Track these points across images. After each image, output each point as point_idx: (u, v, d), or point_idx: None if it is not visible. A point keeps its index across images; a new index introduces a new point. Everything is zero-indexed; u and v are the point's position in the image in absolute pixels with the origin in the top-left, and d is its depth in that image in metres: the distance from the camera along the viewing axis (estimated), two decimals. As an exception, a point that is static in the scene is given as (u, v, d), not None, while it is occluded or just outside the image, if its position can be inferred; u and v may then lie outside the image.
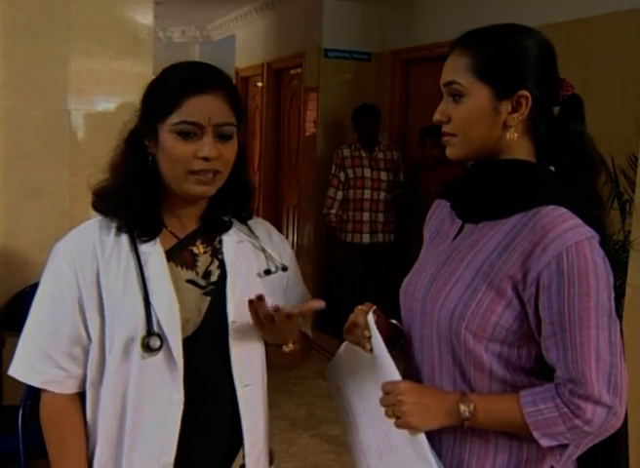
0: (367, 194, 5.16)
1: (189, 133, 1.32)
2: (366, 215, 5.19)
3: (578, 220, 1.19)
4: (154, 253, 1.39)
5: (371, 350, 1.33)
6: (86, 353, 1.39)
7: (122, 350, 1.34)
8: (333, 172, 5.19)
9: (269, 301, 1.41)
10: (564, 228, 1.18)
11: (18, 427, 2.34)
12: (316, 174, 5.71)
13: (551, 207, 1.21)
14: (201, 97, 1.33)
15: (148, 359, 1.34)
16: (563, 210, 1.20)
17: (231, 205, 1.47)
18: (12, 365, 1.41)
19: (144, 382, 1.35)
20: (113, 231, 1.39)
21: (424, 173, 4.93)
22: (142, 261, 1.37)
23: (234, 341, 1.40)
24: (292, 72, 6.46)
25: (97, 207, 1.43)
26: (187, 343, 1.36)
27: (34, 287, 1.44)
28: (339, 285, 5.37)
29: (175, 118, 1.32)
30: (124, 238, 1.39)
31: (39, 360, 1.38)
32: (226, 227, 1.47)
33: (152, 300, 1.35)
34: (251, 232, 1.51)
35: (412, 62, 5.50)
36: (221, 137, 1.35)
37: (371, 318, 1.33)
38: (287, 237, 6.57)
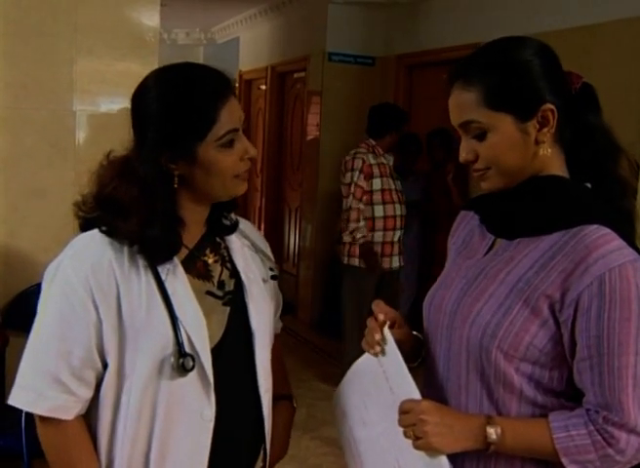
0: (398, 209, 4.31)
1: (233, 139, 1.29)
2: (397, 234, 4.33)
3: (621, 242, 1.15)
4: (172, 266, 1.31)
5: (378, 354, 1.28)
6: (97, 377, 1.29)
7: (149, 372, 1.26)
8: (355, 180, 4.22)
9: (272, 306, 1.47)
10: (608, 249, 1.14)
11: (21, 425, 2.35)
12: (318, 177, 5.73)
13: (595, 226, 1.17)
14: (229, 101, 1.30)
15: (178, 379, 1.27)
16: (607, 230, 1.16)
17: (224, 203, 1.42)
18: (12, 392, 1.29)
19: (175, 402, 1.28)
20: (127, 244, 1.28)
21: (431, 174, 4.97)
22: (162, 277, 1.29)
23: (259, 349, 1.40)
24: (295, 76, 6.47)
25: (92, 226, 1.32)
26: (212, 356, 1.31)
27: (37, 286, 1.35)
28: (343, 312, 4.49)
29: (217, 131, 1.27)
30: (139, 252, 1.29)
31: (48, 385, 1.26)
32: (232, 229, 1.44)
33: (180, 317, 1.28)
34: (244, 235, 1.48)
35: (416, 67, 5.51)
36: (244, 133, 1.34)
37: (387, 331, 1.28)
38: (289, 240, 6.59)
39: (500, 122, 1.21)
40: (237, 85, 7.76)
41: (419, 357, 1.38)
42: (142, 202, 1.27)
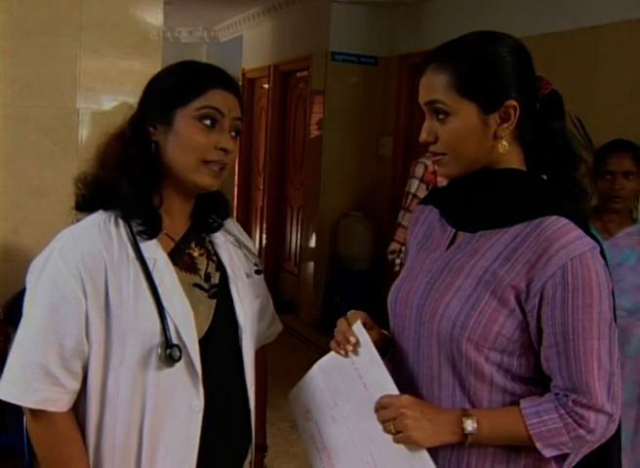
0: None
1: (214, 119, 1.32)
2: None
3: (580, 231, 1.20)
4: (159, 258, 1.33)
5: (347, 353, 1.30)
6: (84, 368, 1.29)
7: (137, 362, 1.27)
8: (413, 190, 3.39)
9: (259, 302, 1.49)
10: (568, 239, 1.19)
11: (22, 423, 2.35)
12: (321, 176, 5.73)
13: (554, 217, 1.21)
14: (223, 91, 1.34)
15: (165, 370, 1.28)
16: (566, 221, 1.21)
17: (215, 204, 1.46)
18: (0, 385, 1.28)
19: (163, 393, 1.29)
20: (114, 235, 1.31)
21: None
22: (150, 268, 1.30)
23: (245, 343, 1.41)
24: (298, 75, 6.48)
25: (86, 203, 1.36)
26: (199, 348, 1.32)
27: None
28: None
29: (199, 103, 1.31)
30: (127, 242, 1.31)
31: (36, 377, 1.26)
32: (215, 228, 1.46)
33: (167, 308, 1.29)
34: (228, 231, 1.50)
35: (418, 67, 5.51)
36: (235, 133, 1.36)
37: (359, 326, 1.31)
38: (290, 239, 6.59)
39: (464, 109, 1.24)
40: (240, 84, 7.76)
41: (387, 353, 1.40)
42: (121, 155, 1.34)
